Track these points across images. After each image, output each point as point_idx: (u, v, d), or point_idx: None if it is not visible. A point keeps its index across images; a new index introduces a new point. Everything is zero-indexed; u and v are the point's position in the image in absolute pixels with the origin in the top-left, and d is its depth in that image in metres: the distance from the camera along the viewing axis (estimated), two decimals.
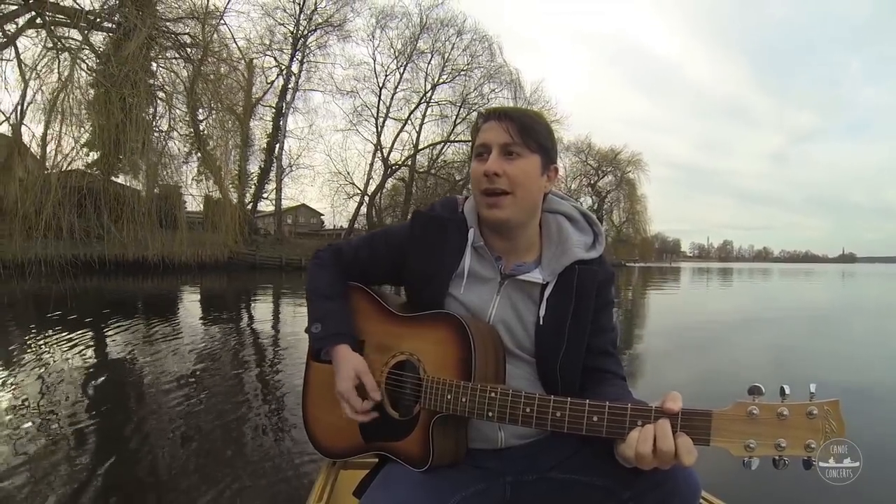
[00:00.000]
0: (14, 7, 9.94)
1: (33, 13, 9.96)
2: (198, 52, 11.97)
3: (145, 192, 10.81)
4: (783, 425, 0.64)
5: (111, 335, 5.40)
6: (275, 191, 25.64)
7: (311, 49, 25.20)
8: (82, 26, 10.01)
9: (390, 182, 30.38)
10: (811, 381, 0.63)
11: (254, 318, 7.75)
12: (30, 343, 4.85)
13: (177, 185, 12.36)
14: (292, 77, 25.04)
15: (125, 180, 11.49)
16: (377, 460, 0.95)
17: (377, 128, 27.73)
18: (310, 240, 29.07)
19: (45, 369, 3.81)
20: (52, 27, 9.84)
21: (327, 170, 30.73)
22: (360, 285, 1.03)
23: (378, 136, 27.80)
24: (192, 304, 9.64)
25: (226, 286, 13.65)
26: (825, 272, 49.87)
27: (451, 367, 0.84)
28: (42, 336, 5.13)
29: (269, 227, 28.62)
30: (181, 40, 11.91)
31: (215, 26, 13.12)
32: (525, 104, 24.87)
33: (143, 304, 8.94)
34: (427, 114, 28.48)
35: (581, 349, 0.90)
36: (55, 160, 9.59)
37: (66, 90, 9.33)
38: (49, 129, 9.48)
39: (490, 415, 0.79)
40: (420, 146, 28.84)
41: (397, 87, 27.80)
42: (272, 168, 25.23)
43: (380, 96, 27.63)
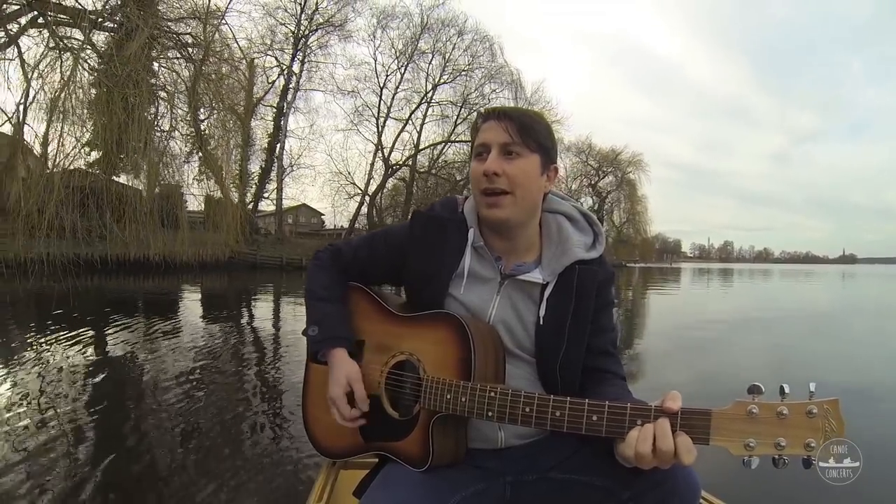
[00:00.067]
0: (16, 7, 9.95)
1: (35, 13, 9.98)
2: (199, 51, 11.97)
3: (147, 192, 10.81)
4: (783, 424, 0.64)
5: (112, 333, 5.41)
6: (276, 190, 25.72)
7: (312, 49, 25.30)
8: (84, 26, 10.01)
9: (391, 182, 30.47)
10: (811, 381, 0.63)
11: (254, 316, 7.77)
12: (30, 341, 4.86)
13: (178, 184, 12.35)
14: (293, 77, 25.11)
15: (127, 180, 11.49)
16: (377, 460, 0.95)
17: (378, 128, 27.82)
18: (310, 239, 29.14)
19: (45, 367, 3.82)
20: (55, 27, 9.85)
21: (328, 170, 30.76)
22: (359, 285, 1.03)
23: (379, 136, 27.88)
24: (192, 303, 9.67)
25: (226, 286, 13.69)
26: (825, 273, 49.88)
27: (450, 367, 0.84)
28: (43, 334, 5.13)
29: (269, 226, 28.68)
30: (183, 40, 11.91)
31: (217, 26, 13.13)
32: (526, 104, 24.87)
33: (144, 303, 8.96)
34: (428, 114, 28.57)
35: (581, 349, 0.90)
36: (57, 159, 9.60)
37: (68, 90, 9.33)
38: (51, 129, 9.49)
39: (490, 414, 0.79)
40: (421, 146, 28.91)
41: (398, 87, 27.90)
42: (273, 168, 25.28)
43: (381, 96, 27.74)
